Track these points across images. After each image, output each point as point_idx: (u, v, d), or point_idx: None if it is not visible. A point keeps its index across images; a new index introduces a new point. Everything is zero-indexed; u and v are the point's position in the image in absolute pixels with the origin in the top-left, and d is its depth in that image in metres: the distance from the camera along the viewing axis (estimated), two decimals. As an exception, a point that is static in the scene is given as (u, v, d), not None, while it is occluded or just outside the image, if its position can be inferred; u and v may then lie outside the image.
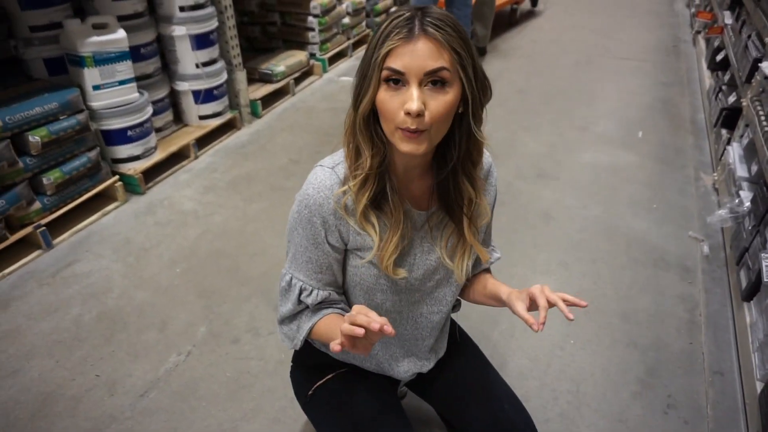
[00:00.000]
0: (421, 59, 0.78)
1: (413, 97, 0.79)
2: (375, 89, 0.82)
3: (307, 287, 0.98)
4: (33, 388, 1.61)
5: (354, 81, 0.87)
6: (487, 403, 1.13)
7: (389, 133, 0.84)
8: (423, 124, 0.80)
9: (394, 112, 0.81)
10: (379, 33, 0.81)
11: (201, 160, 2.83)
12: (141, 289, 1.98)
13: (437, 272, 1.03)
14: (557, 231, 2.32)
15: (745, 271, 1.82)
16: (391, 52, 0.79)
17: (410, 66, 0.79)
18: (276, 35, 3.79)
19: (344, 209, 0.91)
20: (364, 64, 0.84)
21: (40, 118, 2.04)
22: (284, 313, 1.03)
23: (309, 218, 0.92)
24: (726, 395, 1.60)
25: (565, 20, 5.06)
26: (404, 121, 0.80)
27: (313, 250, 0.95)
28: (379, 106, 0.83)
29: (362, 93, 0.84)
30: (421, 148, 0.83)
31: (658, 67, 3.98)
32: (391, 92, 0.81)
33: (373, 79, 0.81)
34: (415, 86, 0.79)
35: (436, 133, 0.84)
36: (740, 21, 2.89)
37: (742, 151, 2.31)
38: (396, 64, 0.79)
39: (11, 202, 2.01)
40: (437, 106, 0.81)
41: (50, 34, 2.28)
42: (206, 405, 1.57)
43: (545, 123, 3.22)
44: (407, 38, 0.79)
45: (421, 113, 0.79)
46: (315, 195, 0.91)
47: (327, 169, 0.93)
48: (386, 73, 0.80)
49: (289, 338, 1.06)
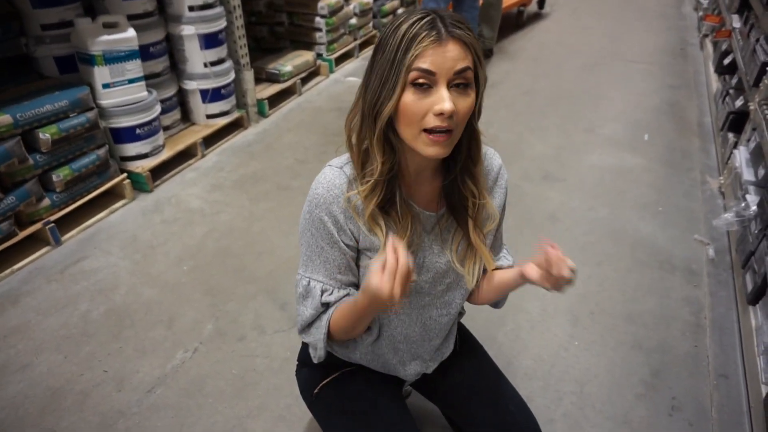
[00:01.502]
0: (451, 60, 0.79)
1: (445, 98, 0.79)
2: (401, 92, 0.81)
3: (328, 287, 0.96)
4: (42, 383, 1.63)
5: (369, 85, 0.85)
6: (491, 404, 1.13)
7: (412, 137, 0.84)
8: (452, 123, 0.81)
9: (422, 115, 0.81)
10: (401, 35, 0.80)
11: (208, 158, 2.85)
12: (148, 286, 2.00)
13: (447, 276, 1.03)
14: (563, 233, 2.32)
15: (750, 275, 1.82)
16: (420, 54, 0.79)
17: (441, 66, 0.79)
18: (283, 35, 3.81)
19: (354, 209, 0.92)
20: (384, 68, 0.82)
21: (50, 115, 2.06)
22: (305, 320, 0.98)
23: (320, 218, 0.92)
24: (731, 398, 1.60)
25: (572, 23, 5.06)
26: (431, 122, 0.81)
27: (328, 250, 0.94)
28: (404, 110, 0.82)
29: (383, 98, 0.83)
30: (447, 151, 0.84)
31: (665, 70, 3.98)
32: (419, 95, 0.81)
33: (399, 83, 0.81)
34: (444, 87, 0.80)
35: (458, 135, 0.85)
36: (748, 25, 2.88)
37: (749, 155, 2.30)
38: (427, 64, 0.79)
39: (21, 198, 2.03)
40: (464, 107, 0.82)
41: (61, 32, 2.30)
42: (212, 402, 1.58)
43: (552, 125, 3.22)
44: (437, 40, 0.79)
45: (452, 114, 0.80)
46: (325, 194, 0.91)
47: (336, 168, 0.93)
48: (415, 75, 0.80)
49: (312, 347, 1.02)
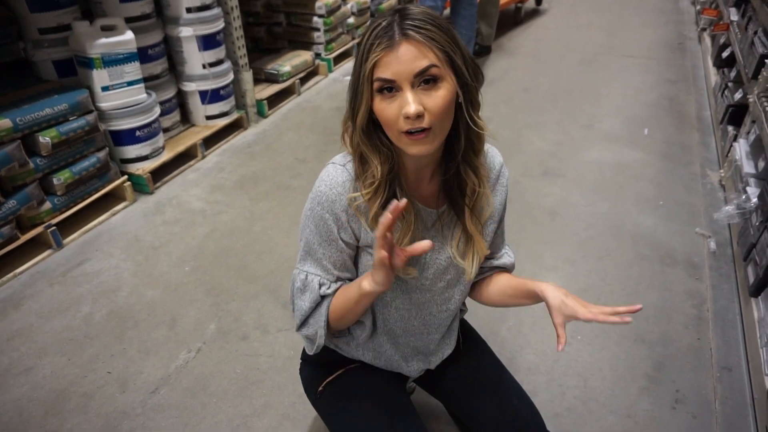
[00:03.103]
0: (407, 63, 0.79)
1: (409, 101, 0.80)
2: (369, 101, 0.83)
3: (326, 281, 0.97)
4: (45, 386, 1.63)
5: (348, 94, 0.88)
6: (495, 398, 1.14)
7: (395, 139, 0.85)
8: (425, 122, 0.81)
9: (394, 119, 0.82)
10: (362, 46, 0.83)
11: (208, 159, 2.85)
12: (150, 287, 2.00)
13: (448, 272, 1.03)
14: (564, 228, 2.32)
15: (752, 267, 1.82)
16: (377, 63, 0.80)
17: (399, 72, 0.80)
18: (281, 36, 3.81)
19: (357, 209, 0.92)
20: (354, 79, 0.85)
21: (50, 119, 2.06)
22: (304, 312, 0.98)
23: (321, 215, 0.93)
24: (734, 390, 1.60)
25: (569, 19, 5.05)
26: (404, 125, 0.81)
27: (327, 246, 0.95)
28: (378, 116, 0.84)
29: (357, 106, 0.85)
30: (431, 147, 0.84)
31: (664, 65, 3.97)
32: (387, 100, 0.82)
33: (365, 92, 0.83)
34: (408, 90, 0.80)
35: (440, 130, 0.85)
36: (746, 17, 2.88)
37: (749, 148, 2.30)
38: (385, 73, 0.80)
39: (22, 202, 2.03)
40: (434, 103, 0.81)
41: (59, 36, 2.30)
42: (216, 401, 1.59)
43: (551, 121, 3.22)
44: (389, 46, 0.79)
45: (421, 114, 0.80)
46: (328, 192, 0.92)
47: (339, 166, 0.93)
48: (378, 84, 0.81)
49: (310, 340, 1.02)
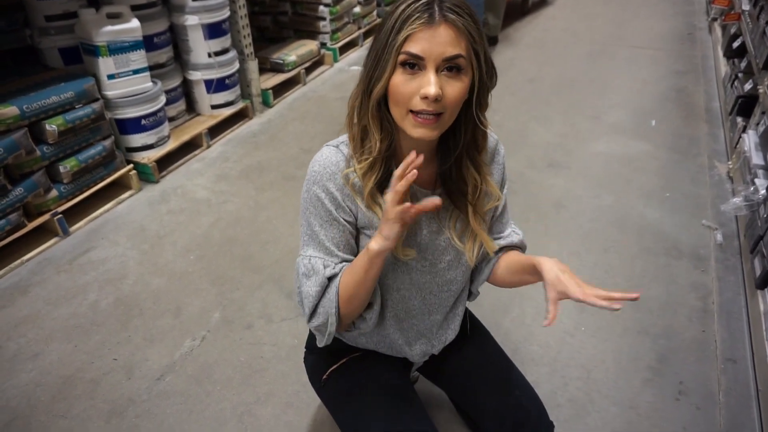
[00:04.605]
0: (441, 45, 0.79)
1: (431, 82, 0.79)
2: (390, 72, 0.82)
3: (330, 263, 0.94)
4: (53, 371, 1.65)
5: (366, 63, 0.86)
6: (498, 389, 1.14)
7: (399, 117, 0.85)
8: (439, 107, 0.81)
9: (409, 96, 0.81)
10: (396, 16, 0.80)
11: (213, 149, 2.85)
12: (156, 275, 2.01)
13: (447, 253, 1.03)
14: (569, 220, 2.31)
15: (759, 259, 1.81)
16: (410, 37, 0.79)
17: (430, 51, 0.79)
18: (287, 25, 3.79)
19: (352, 187, 0.92)
20: (379, 47, 0.83)
21: (56, 107, 2.07)
22: (312, 298, 0.94)
23: (317, 195, 0.92)
24: (738, 382, 1.59)
25: (577, 9, 5.00)
26: (418, 105, 0.81)
27: (328, 227, 0.94)
28: (392, 90, 0.83)
29: (376, 76, 0.84)
30: (434, 134, 0.84)
31: (673, 56, 3.93)
32: (408, 76, 0.81)
33: (389, 63, 0.81)
34: (432, 71, 0.79)
35: (449, 119, 0.84)
36: (758, 7, 2.84)
37: (758, 139, 2.28)
38: (415, 48, 0.79)
39: (29, 189, 2.04)
40: (453, 92, 0.81)
41: (65, 23, 2.30)
42: (221, 389, 1.60)
43: (557, 112, 3.20)
44: (428, 23, 0.78)
45: (440, 98, 0.80)
46: (321, 171, 0.92)
47: (332, 147, 0.94)
48: (404, 57, 0.80)
49: (320, 332, 0.97)
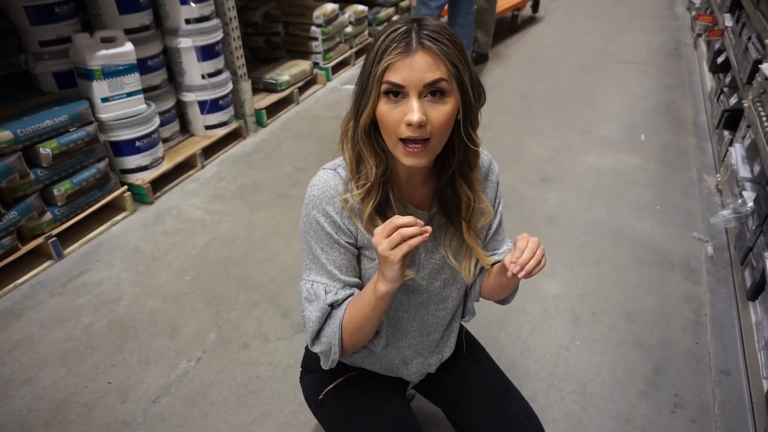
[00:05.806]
0: (419, 72, 0.80)
1: (414, 108, 0.81)
2: (375, 102, 0.84)
3: (332, 288, 0.95)
4: (46, 396, 1.63)
5: (354, 92, 0.89)
6: (494, 405, 1.14)
7: (391, 146, 0.86)
8: (426, 133, 0.82)
9: (395, 124, 0.83)
10: (377, 47, 0.83)
11: (207, 169, 2.87)
12: (151, 297, 2.01)
13: (443, 272, 1.04)
14: (562, 234, 2.33)
15: (749, 271, 1.83)
16: (390, 66, 0.81)
17: (409, 79, 0.81)
18: (280, 45, 3.84)
19: (350, 210, 0.93)
20: (363, 78, 0.85)
21: (50, 130, 2.08)
22: (314, 323, 0.94)
23: (316, 219, 0.93)
24: (733, 394, 1.60)
25: (566, 25, 5.09)
26: (405, 132, 0.82)
27: (329, 251, 0.95)
28: (379, 118, 0.85)
29: (362, 106, 0.86)
30: (424, 161, 0.85)
31: (660, 71, 4.00)
32: (392, 104, 0.83)
33: (372, 93, 0.83)
34: (415, 98, 0.81)
35: (438, 143, 0.86)
36: (740, 23, 2.91)
37: (745, 152, 2.32)
38: (395, 77, 0.81)
39: (23, 213, 2.04)
40: (438, 116, 0.83)
41: (59, 48, 2.32)
42: (217, 410, 1.59)
43: (548, 128, 3.24)
44: (405, 52, 0.80)
45: (423, 124, 0.81)
46: (320, 195, 0.93)
47: (329, 170, 0.95)
48: (386, 87, 0.82)
49: (325, 354, 0.97)
